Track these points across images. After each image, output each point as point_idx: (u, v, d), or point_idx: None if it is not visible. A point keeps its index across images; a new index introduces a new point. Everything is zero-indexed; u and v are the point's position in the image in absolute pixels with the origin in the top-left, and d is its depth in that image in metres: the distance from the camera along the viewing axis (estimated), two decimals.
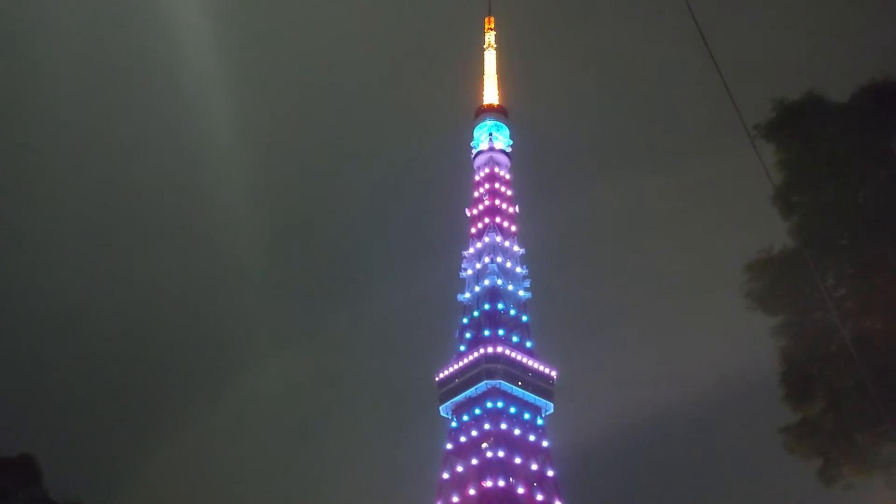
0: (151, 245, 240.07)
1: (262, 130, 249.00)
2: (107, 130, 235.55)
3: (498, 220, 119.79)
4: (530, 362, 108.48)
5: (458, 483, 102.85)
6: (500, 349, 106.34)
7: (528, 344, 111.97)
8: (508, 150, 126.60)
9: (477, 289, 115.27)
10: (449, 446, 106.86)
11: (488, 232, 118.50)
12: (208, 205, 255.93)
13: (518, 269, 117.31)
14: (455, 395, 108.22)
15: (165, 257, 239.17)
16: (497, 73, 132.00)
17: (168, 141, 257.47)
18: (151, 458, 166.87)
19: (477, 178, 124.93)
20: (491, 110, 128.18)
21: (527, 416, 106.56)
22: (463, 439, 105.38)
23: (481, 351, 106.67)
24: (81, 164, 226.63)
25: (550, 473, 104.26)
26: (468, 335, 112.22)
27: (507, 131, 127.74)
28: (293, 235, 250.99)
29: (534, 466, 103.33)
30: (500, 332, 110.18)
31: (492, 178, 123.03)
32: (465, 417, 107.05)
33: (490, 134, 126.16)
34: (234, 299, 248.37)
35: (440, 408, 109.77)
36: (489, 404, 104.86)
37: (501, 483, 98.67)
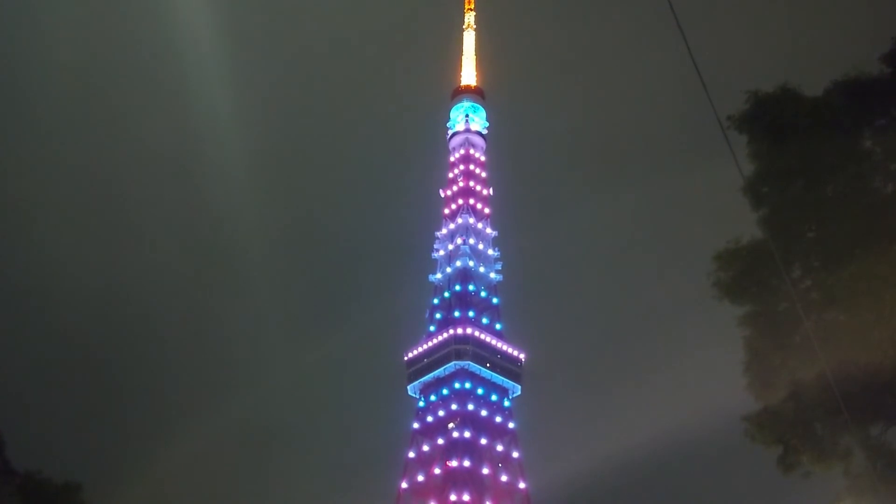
0: (151, 235, 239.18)
1: (247, 118, 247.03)
2: (103, 107, 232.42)
3: (472, 201, 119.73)
4: (499, 344, 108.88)
5: (424, 462, 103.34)
6: (469, 330, 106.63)
7: (498, 326, 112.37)
8: (485, 132, 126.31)
9: (448, 270, 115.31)
10: (416, 426, 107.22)
11: (461, 213, 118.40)
12: (204, 188, 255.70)
13: (490, 252, 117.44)
14: (423, 375, 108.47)
15: (163, 245, 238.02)
16: (476, 55, 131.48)
17: (167, 125, 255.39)
18: (154, 455, 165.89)
19: (452, 159, 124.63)
20: (468, 91, 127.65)
21: (494, 397, 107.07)
22: (430, 419, 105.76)
23: (451, 332, 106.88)
24: (78, 153, 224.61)
25: (516, 455, 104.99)
26: (438, 316, 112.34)
27: (483, 113, 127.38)
28: (279, 224, 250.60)
29: (499, 447, 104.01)
30: (471, 313, 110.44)
31: (467, 159, 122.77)
32: (433, 397, 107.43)
33: (466, 115, 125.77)
34: (228, 293, 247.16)
35: (408, 387, 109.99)
36: (457, 385, 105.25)
37: (467, 463, 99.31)
